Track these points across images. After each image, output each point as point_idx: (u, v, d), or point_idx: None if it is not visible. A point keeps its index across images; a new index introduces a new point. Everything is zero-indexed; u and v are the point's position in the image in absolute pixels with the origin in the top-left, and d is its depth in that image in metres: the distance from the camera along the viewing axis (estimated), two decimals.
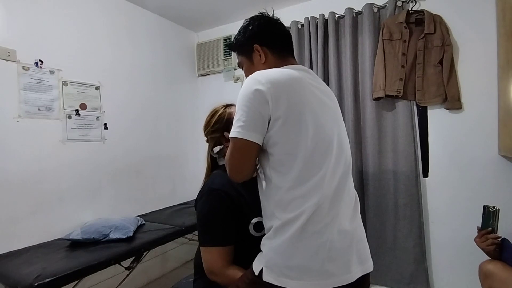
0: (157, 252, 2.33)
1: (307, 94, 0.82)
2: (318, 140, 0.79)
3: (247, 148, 0.80)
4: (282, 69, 0.85)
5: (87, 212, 1.97)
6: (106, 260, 1.45)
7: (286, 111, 0.77)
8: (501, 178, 1.78)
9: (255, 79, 0.80)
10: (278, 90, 0.78)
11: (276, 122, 0.77)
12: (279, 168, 0.79)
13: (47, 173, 1.79)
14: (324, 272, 0.75)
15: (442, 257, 1.98)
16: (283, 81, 0.80)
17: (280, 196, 0.80)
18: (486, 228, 1.26)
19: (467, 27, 1.86)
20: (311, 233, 0.76)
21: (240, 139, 0.79)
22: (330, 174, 0.80)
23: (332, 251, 0.76)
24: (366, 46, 2.10)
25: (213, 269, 0.93)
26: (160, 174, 2.56)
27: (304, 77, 0.85)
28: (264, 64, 0.93)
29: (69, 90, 1.93)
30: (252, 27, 0.96)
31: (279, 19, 0.98)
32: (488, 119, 1.81)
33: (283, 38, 0.97)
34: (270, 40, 0.94)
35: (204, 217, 0.97)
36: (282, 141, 0.78)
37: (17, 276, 1.29)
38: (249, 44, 0.95)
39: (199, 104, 2.97)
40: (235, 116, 0.82)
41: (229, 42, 2.70)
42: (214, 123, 1.10)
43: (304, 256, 0.75)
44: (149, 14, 2.53)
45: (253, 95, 0.78)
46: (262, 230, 0.98)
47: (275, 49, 0.94)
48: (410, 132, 1.99)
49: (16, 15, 1.70)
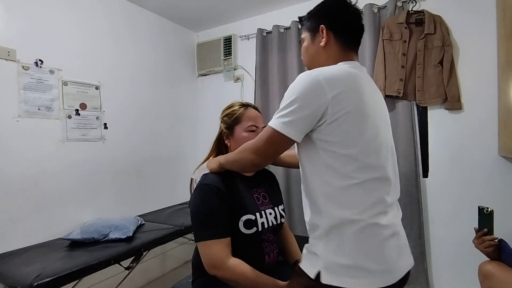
0: (156, 252, 2.33)
1: (366, 95, 0.79)
2: (376, 141, 0.78)
3: (284, 143, 0.79)
4: (340, 66, 0.82)
5: (87, 212, 1.97)
6: (105, 260, 1.45)
7: (347, 110, 0.74)
8: (501, 178, 1.78)
9: (312, 76, 0.76)
10: (338, 88, 0.74)
11: (336, 121, 0.74)
12: (336, 164, 0.76)
13: (47, 173, 1.79)
14: (391, 267, 0.75)
15: (442, 258, 1.97)
16: (342, 79, 0.77)
17: (334, 193, 0.76)
18: (482, 230, 1.25)
19: (467, 28, 1.86)
20: (375, 230, 0.74)
21: (280, 133, 0.77)
22: (387, 172, 0.80)
23: (396, 246, 0.77)
24: (366, 46, 2.09)
25: (215, 263, 0.92)
26: (160, 174, 2.56)
27: (362, 77, 0.83)
28: (323, 49, 0.88)
29: (69, 90, 1.93)
30: (328, 7, 0.90)
31: (359, 10, 0.92)
32: (488, 119, 1.81)
33: (354, 31, 0.91)
34: (340, 26, 0.88)
35: (199, 212, 0.98)
36: (342, 140, 0.75)
37: (17, 275, 1.29)
38: (317, 22, 0.89)
39: (199, 104, 2.96)
40: (283, 107, 0.78)
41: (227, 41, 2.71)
42: (225, 115, 1.14)
43: (369, 254, 0.74)
44: (149, 14, 2.53)
45: (309, 92, 0.75)
46: (252, 227, 0.99)
47: (342, 38, 0.88)
48: (410, 132, 1.98)
49: (16, 15, 1.70)
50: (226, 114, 1.14)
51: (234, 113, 1.11)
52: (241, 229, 0.98)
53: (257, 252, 1.03)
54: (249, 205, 1.03)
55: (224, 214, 0.96)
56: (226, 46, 2.73)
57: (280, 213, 1.13)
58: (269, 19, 2.50)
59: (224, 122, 1.13)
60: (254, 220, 1.01)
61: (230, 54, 2.70)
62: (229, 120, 1.11)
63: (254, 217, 1.01)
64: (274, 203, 1.13)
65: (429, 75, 1.91)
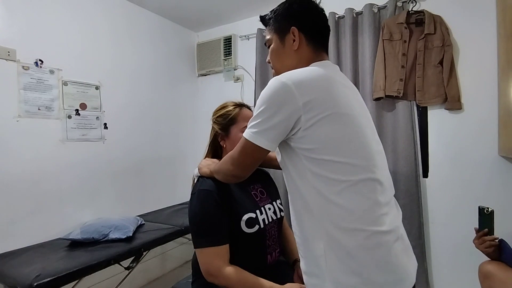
0: (156, 252, 2.34)
1: (341, 94, 0.75)
2: (359, 139, 0.75)
3: (258, 152, 0.76)
4: (311, 68, 0.78)
5: (87, 212, 1.97)
6: (105, 260, 1.45)
7: (322, 114, 0.71)
8: (501, 178, 1.78)
9: (282, 81, 0.72)
10: (309, 94, 0.71)
11: (311, 127, 0.71)
12: (323, 171, 0.72)
13: (47, 173, 1.79)
14: (402, 276, 0.74)
15: (442, 258, 1.97)
16: (314, 84, 0.73)
17: (327, 201, 0.72)
18: (482, 230, 1.25)
19: (468, 28, 1.86)
20: (378, 238, 0.71)
21: (253, 144, 0.75)
22: (376, 171, 0.76)
23: (402, 250, 0.76)
24: (366, 47, 2.09)
25: (211, 271, 0.92)
26: (160, 174, 2.56)
27: (334, 76, 0.79)
28: (295, 52, 0.84)
29: (69, 90, 1.93)
30: (296, 7, 0.85)
31: (323, 10, 0.88)
32: (488, 119, 1.81)
33: (324, 30, 0.88)
34: (310, 28, 0.84)
35: (196, 218, 0.97)
36: (322, 145, 0.72)
37: (17, 275, 1.29)
38: (286, 24, 0.84)
39: (199, 104, 2.96)
40: (255, 116, 0.75)
41: (227, 41, 2.70)
42: (218, 116, 1.10)
43: (378, 265, 0.70)
44: (149, 14, 2.53)
45: (278, 99, 0.72)
46: (253, 226, 0.99)
47: (312, 39, 0.84)
48: (410, 132, 1.98)
49: (16, 15, 1.70)
50: (220, 115, 1.10)
51: (229, 114, 1.08)
52: (244, 229, 0.97)
53: (260, 252, 1.02)
54: (248, 203, 1.03)
55: (222, 220, 0.96)
56: (226, 46, 2.73)
57: (278, 207, 1.13)
58: None
59: (218, 123, 1.09)
60: (255, 218, 1.00)
61: (230, 54, 2.70)
62: (223, 121, 1.08)
63: (254, 215, 1.01)
64: (272, 197, 1.13)
65: (429, 75, 1.91)
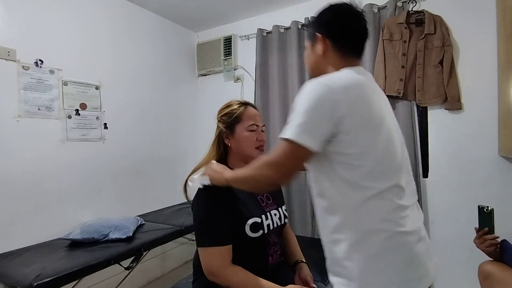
0: (156, 252, 2.33)
1: (375, 101, 0.77)
2: (391, 148, 0.77)
3: (301, 154, 0.73)
4: (346, 72, 0.79)
5: (87, 212, 1.97)
6: (105, 260, 1.45)
7: (362, 119, 0.72)
8: (501, 178, 1.78)
9: (327, 85, 0.73)
10: (352, 97, 0.72)
11: (352, 131, 0.72)
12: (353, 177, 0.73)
13: (47, 173, 1.79)
14: (423, 273, 0.75)
15: (442, 257, 1.97)
16: (354, 87, 0.74)
17: (355, 206, 0.73)
18: (483, 229, 1.25)
19: (468, 28, 1.86)
20: (402, 238, 0.73)
21: (297, 144, 0.71)
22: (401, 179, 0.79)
23: (425, 250, 0.77)
24: (366, 47, 2.09)
25: (213, 270, 0.93)
26: (160, 174, 2.56)
27: (368, 83, 0.81)
28: (322, 57, 0.87)
29: (69, 90, 1.93)
30: (325, 15, 0.88)
31: (362, 13, 0.88)
32: (488, 119, 1.81)
33: (355, 36, 0.87)
34: (338, 34, 0.85)
35: (201, 218, 0.97)
36: (359, 151, 0.72)
37: (17, 275, 1.29)
38: (314, 31, 0.88)
39: (199, 104, 2.96)
40: (298, 117, 0.73)
41: (227, 41, 2.71)
42: (223, 115, 1.11)
43: (403, 262, 0.72)
44: (149, 14, 2.52)
45: (324, 100, 0.71)
46: (258, 230, 0.98)
47: (340, 45, 0.86)
48: (410, 132, 1.98)
49: (16, 15, 1.70)
50: (225, 113, 1.11)
51: (234, 112, 1.09)
52: (248, 233, 0.97)
53: (261, 254, 1.03)
54: (254, 208, 1.03)
55: (226, 220, 0.96)
56: (226, 46, 2.73)
57: (283, 213, 1.13)
58: (269, 19, 2.50)
59: (223, 122, 1.10)
60: (260, 223, 1.00)
61: (230, 54, 2.70)
62: (228, 120, 1.09)
63: (260, 219, 1.00)
64: (278, 203, 1.13)
65: (429, 75, 1.91)
